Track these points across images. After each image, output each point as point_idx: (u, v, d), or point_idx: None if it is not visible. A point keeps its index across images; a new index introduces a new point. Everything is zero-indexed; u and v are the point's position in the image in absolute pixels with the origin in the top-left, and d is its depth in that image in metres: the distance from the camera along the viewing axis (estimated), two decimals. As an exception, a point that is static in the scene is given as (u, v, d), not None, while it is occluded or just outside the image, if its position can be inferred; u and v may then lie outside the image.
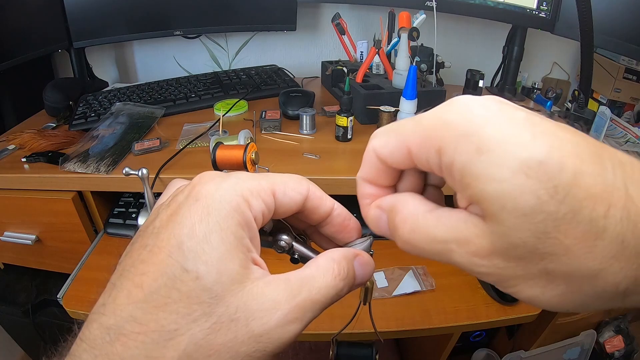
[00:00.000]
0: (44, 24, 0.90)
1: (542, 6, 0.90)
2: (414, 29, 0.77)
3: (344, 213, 0.25)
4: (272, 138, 0.77)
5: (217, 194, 0.19)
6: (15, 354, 1.08)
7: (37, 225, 0.71)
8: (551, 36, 0.92)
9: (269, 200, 0.20)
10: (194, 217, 0.18)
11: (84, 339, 0.17)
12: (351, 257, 0.22)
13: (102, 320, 0.17)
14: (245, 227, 0.19)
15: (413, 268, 0.65)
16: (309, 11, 1.14)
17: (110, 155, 0.68)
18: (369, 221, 0.22)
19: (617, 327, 1.06)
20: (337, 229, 0.25)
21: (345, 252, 0.22)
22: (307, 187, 0.22)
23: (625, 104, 1.06)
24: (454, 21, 1.15)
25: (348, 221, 0.25)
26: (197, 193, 0.19)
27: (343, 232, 0.25)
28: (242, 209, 0.19)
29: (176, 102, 0.89)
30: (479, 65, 1.00)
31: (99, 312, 0.18)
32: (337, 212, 0.24)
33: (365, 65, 0.86)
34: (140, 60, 1.23)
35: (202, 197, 0.19)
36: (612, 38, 0.80)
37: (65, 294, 0.59)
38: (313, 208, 0.23)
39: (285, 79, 1.03)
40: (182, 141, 0.74)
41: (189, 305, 0.17)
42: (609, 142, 0.84)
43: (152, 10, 0.97)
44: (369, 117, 0.81)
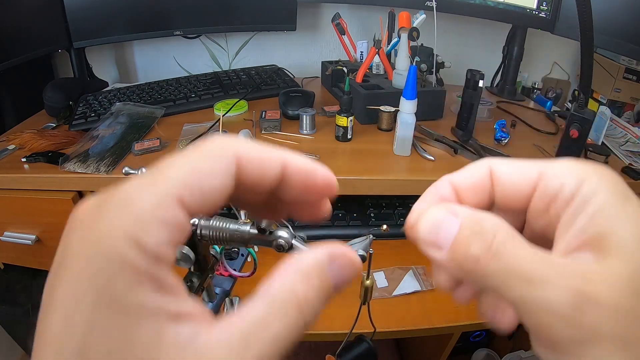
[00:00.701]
0: (44, 24, 0.90)
1: (542, 6, 0.90)
2: (414, 29, 0.77)
3: (303, 166, 0.17)
4: (272, 138, 0.77)
5: (88, 252, 0.13)
6: (16, 354, 1.08)
7: (37, 225, 0.71)
8: (551, 36, 0.92)
9: (175, 217, 0.14)
10: (63, 300, 0.12)
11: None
12: (324, 264, 0.16)
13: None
14: (147, 282, 0.12)
15: (413, 268, 0.65)
16: (309, 11, 1.14)
17: (110, 155, 0.68)
18: (425, 220, 0.17)
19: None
20: (300, 189, 0.18)
21: (314, 260, 0.16)
22: (232, 159, 0.15)
23: (625, 104, 1.06)
24: (454, 21, 1.15)
25: (312, 174, 0.18)
26: (63, 255, 0.14)
27: (310, 191, 0.18)
28: (130, 262, 0.12)
29: (176, 102, 0.89)
30: (479, 65, 1.00)
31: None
32: (293, 168, 0.17)
33: (365, 65, 0.86)
34: (140, 60, 1.23)
35: (69, 262, 0.13)
36: (612, 38, 0.80)
37: (65, 294, 0.59)
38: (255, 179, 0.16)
39: (285, 79, 1.03)
40: (182, 141, 0.74)
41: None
42: (609, 142, 0.84)
43: (152, 10, 0.97)
44: (369, 117, 0.81)
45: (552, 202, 0.17)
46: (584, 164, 0.17)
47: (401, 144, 0.70)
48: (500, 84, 1.09)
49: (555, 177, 0.17)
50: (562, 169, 0.17)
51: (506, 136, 0.76)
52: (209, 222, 0.35)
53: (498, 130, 0.77)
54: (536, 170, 0.17)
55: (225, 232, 0.35)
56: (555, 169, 0.17)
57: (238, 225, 0.35)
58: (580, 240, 0.15)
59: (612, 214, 0.15)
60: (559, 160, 0.17)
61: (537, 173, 0.17)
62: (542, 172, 0.17)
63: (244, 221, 0.36)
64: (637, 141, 0.84)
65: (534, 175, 0.17)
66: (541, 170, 0.17)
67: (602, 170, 0.16)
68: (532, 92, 1.19)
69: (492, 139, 0.78)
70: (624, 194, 0.16)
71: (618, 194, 0.15)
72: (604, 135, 0.82)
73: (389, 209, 0.75)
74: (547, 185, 0.17)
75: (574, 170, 0.17)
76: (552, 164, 0.17)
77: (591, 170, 0.16)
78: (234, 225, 0.35)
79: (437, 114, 0.87)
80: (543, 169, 0.17)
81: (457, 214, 0.16)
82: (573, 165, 0.17)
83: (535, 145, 0.78)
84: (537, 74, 1.23)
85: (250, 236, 0.35)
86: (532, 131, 0.86)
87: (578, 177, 0.16)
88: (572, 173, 0.16)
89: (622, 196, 0.15)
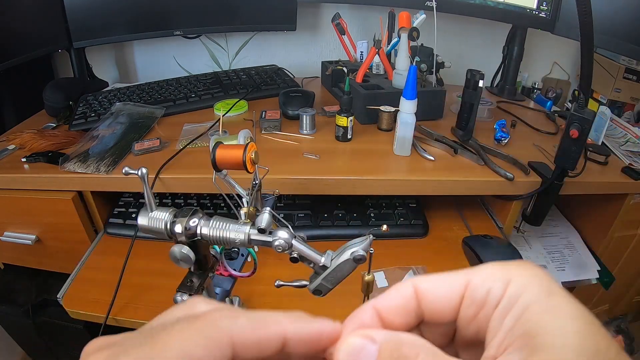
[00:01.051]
0: (44, 24, 0.90)
1: (542, 6, 0.90)
2: (414, 29, 0.77)
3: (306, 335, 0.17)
4: (272, 138, 0.77)
5: None
6: (16, 354, 1.08)
7: (37, 225, 0.71)
8: (551, 36, 0.92)
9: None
10: None
11: None
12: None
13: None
14: None
15: (413, 268, 0.65)
16: (309, 11, 1.14)
17: (110, 155, 0.68)
18: (342, 349, 0.17)
19: (617, 327, 1.06)
20: (305, 355, 0.17)
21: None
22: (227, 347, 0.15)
23: (625, 104, 1.06)
24: (454, 21, 1.15)
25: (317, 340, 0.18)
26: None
27: (316, 352, 0.18)
28: None
29: (176, 102, 0.89)
30: (479, 65, 1.00)
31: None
32: (295, 341, 0.17)
33: (365, 65, 0.86)
34: (140, 60, 1.23)
35: None
36: (612, 38, 0.80)
37: (65, 294, 0.59)
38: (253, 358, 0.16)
39: (285, 79, 1.03)
40: (182, 141, 0.74)
41: None
42: (609, 142, 0.84)
43: (152, 10, 0.97)
44: (369, 117, 0.81)
45: (481, 309, 0.17)
46: (508, 265, 0.17)
47: (401, 144, 0.70)
48: (500, 84, 1.09)
49: (481, 284, 0.17)
50: (487, 274, 0.17)
51: (506, 136, 0.77)
52: (209, 221, 0.35)
53: (498, 130, 0.77)
54: (462, 280, 0.18)
55: (225, 231, 0.35)
56: (480, 275, 0.17)
57: (238, 225, 0.35)
58: (509, 341, 0.15)
59: (538, 311, 0.15)
60: (483, 267, 0.18)
61: (463, 283, 0.18)
62: (468, 281, 0.18)
63: (244, 221, 0.36)
64: (637, 141, 0.84)
65: (460, 286, 0.18)
66: (467, 279, 0.18)
67: (527, 268, 0.17)
68: (532, 92, 1.19)
69: (492, 139, 0.78)
70: (548, 289, 0.16)
71: (543, 291, 0.16)
72: (604, 135, 0.82)
73: (389, 209, 0.75)
74: (474, 293, 0.17)
75: (498, 274, 0.17)
76: (477, 271, 0.18)
77: (515, 270, 0.17)
78: (234, 225, 0.36)
79: (437, 114, 0.87)
80: (468, 277, 0.18)
81: (374, 340, 0.16)
82: (497, 269, 0.17)
83: (535, 145, 0.78)
84: (537, 74, 1.23)
85: (250, 236, 0.35)
86: (532, 131, 0.86)
87: (503, 279, 0.17)
88: (497, 277, 0.17)
89: (547, 292, 0.16)
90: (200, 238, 0.35)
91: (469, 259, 0.67)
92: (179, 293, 0.35)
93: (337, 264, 0.32)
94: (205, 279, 0.37)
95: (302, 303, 0.57)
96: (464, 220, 0.77)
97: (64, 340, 0.83)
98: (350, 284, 0.31)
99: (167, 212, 0.34)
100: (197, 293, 0.36)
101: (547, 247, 0.83)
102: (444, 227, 0.75)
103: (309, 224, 0.72)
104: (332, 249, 0.35)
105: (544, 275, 0.16)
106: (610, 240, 0.80)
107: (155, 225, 0.34)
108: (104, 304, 0.57)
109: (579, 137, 0.59)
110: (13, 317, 0.82)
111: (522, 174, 0.67)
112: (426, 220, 0.74)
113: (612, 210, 0.77)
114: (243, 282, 0.58)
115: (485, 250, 0.63)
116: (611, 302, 0.99)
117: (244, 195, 0.47)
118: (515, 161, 0.69)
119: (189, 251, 0.34)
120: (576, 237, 0.86)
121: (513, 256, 0.63)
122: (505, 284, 0.16)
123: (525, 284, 0.16)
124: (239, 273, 0.44)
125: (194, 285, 0.36)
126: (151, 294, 0.59)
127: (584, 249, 0.83)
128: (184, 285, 0.36)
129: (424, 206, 0.77)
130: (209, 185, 0.65)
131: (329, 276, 0.33)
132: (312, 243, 0.34)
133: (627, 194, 0.73)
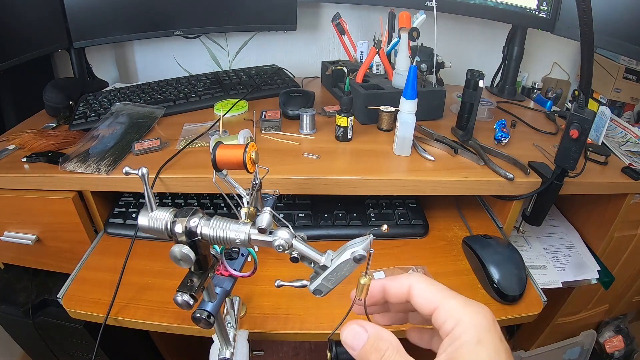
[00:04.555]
0: (44, 24, 0.90)
1: (542, 6, 0.90)
2: (414, 29, 0.77)
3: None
4: (272, 138, 0.77)
5: None
6: (15, 354, 1.08)
7: (37, 225, 0.71)
8: (551, 36, 0.92)
9: None
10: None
11: None
12: None
13: None
14: None
15: (413, 268, 0.65)
16: (309, 11, 1.14)
17: (110, 155, 0.68)
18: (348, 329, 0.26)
19: (617, 327, 1.06)
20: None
21: None
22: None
23: (625, 104, 1.06)
24: (454, 21, 1.15)
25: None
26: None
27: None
28: None
29: (176, 102, 0.89)
30: (479, 65, 1.00)
31: None
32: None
33: (365, 65, 0.86)
34: (140, 60, 1.23)
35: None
36: (612, 38, 0.80)
37: (65, 294, 0.59)
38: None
39: (285, 79, 1.03)
40: (182, 141, 0.74)
41: None
42: (609, 142, 0.84)
43: (152, 10, 0.97)
44: (369, 117, 0.81)
45: (439, 329, 0.25)
46: (467, 306, 0.25)
47: (401, 144, 0.70)
48: (500, 84, 1.09)
49: (443, 313, 0.25)
50: (450, 308, 0.25)
51: (506, 136, 0.77)
52: (210, 221, 0.35)
53: (498, 130, 0.77)
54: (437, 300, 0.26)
55: (225, 231, 0.35)
56: (447, 306, 0.25)
57: (238, 225, 0.35)
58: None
59: (466, 353, 0.23)
60: (452, 298, 0.25)
61: (437, 303, 0.26)
62: (439, 305, 0.25)
63: (244, 221, 0.36)
64: (637, 141, 0.84)
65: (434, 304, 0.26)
66: (440, 303, 0.25)
67: (478, 314, 0.24)
68: (532, 92, 1.19)
69: (492, 139, 0.78)
70: (479, 337, 0.23)
71: (475, 338, 0.23)
72: (604, 135, 0.82)
73: (389, 209, 0.75)
74: (437, 316, 0.25)
75: (456, 313, 0.24)
76: (447, 300, 0.25)
77: (468, 315, 0.24)
78: (235, 225, 0.36)
79: (437, 114, 0.87)
80: (440, 302, 0.25)
81: (367, 330, 0.26)
82: (458, 307, 0.25)
83: (535, 145, 0.78)
84: (537, 74, 1.23)
85: (250, 236, 0.35)
86: (532, 131, 0.86)
87: (456, 318, 0.24)
88: (453, 314, 0.24)
89: (477, 340, 0.23)
90: (200, 238, 0.35)
91: (469, 259, 0.67)
92: (179, 293, 0.35)
93: (337, 263, 0.32)
94: (206, 279, 0.37)
95: (303, 303, 0.57)
96: (464, 220, 0.77)
97: (64, 340, 0.83)
98: (350, 283, 0.31)
99: (168, 212, 0.34)
100: (197, 293, 0.36)
101: (547, 247, 0.83)
102: (444, 227, 0.75)
103: (309, 224, 0.72)
104: (332, 249, 0.35)
105: (486, 323, 0.24)
106: (610, 240, 0.80)
107: (155, 225, 0.34)
108: (104, 304, 0.57)
109: (579, 137, 0.59)
110: (13, 317, 0.82)
111: (522, 174, 0.67)
112: (426, 220, 0.74)
113: (612, 210, 0.77)
114: (243, 282, 0.58)
115: (485, 250, 0.63)
116: (611, 302, 0.99)
117: (244, 195, 0.47)
118: (515, 161, 0.69)
119: (189, 251, 0.34)
120: (576, 237, 0.86)
121: (513, 256, 0.63)
122: (456, 322, 0.24)
123: (467, 328, 0.24)
124: (239, 273, 0.44)
125: (194, 285, 0.36)
126: (151, 294, 0.59)
127: (584, 249, 0.83)
128: (184, 285, 0.36)
129: (424, 206, 0.77)
130: (209, 185, 0.65)
131: (329, 276, 0.33)
132: (312, 243, 0.34)
133: (627, 194, 0.73)
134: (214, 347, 0.49)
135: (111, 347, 0.81)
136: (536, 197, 0.69)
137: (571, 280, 0.78)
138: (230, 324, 0.50)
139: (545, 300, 0.60)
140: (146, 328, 0.57)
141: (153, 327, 0.56)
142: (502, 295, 0.58)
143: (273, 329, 0.54)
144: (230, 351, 0.47)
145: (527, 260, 0.79)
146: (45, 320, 0.81)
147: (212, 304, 0.40)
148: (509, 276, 0.60)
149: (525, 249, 0.82)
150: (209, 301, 0.40)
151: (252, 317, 0.56)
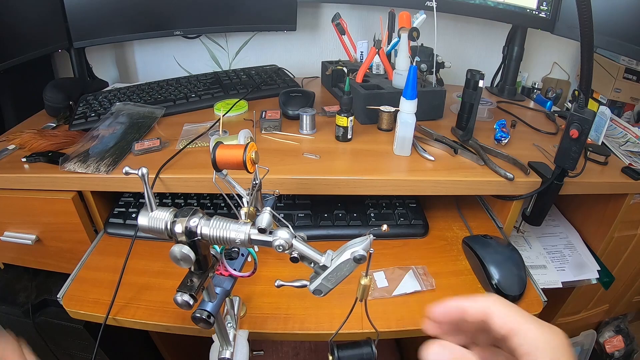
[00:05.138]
0: (44, 24, 0.90)
1: (542, 6, 0.90)
2: (414, 29, 0.77)
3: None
4: (272, 138, 0.77)
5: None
6: (15, 354, 1.07)
7: (37, 225, 0.71)
8: (551, 36, 0.92)
9: None
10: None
11: None
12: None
13: None
14: None
15: (413, 268, 0.65)
16: (309, 11, 1.15)
17: (110, 155, 0.68)
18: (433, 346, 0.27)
19: (617, 327, 1.06)
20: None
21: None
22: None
23: (625, 104, 1.06)
24: (454, 21, 1.16)
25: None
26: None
27: None
28: None
29: (176, 102, 0.89)
30: (479, 65, 1.00)
31: None
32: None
33: (365, 65, 0.86)
34: (140, 60, 1.23)
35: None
36: (612, 38, 0.80)
37: (65, 294, 0.59)
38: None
39: (285, 79, 1.03)
40: (182, 141, 0.74)
41: None
42: (609, 142, 0.84)
43: (152, 10, 0.97)
44: (369, 117, 0.81)
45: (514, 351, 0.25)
46: (544, 331, 0.25)
47: (401, 144, 0.70)
48: (500, 84, 1.09)
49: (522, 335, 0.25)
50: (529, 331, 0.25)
51: (506, 136, 0.77)
52: (210, 221, 0.35)
53: (498, 130, 0.77)
54: (516, 324, 0.26)
55: (225, 231, 0.35)
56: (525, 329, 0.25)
57: (238, 225, 0.35)
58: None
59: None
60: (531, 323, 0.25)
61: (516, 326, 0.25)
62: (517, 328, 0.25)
63: (244, 221, 0.36)
64: (637, 141, 0.84)
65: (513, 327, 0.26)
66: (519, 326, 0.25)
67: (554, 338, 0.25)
68: (532, 92, 1.19)
69: (492, 139, 0.78)
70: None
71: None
72: (604, 135, 0.82)
73: (389, 209, 0.75)
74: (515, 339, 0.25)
75: (533, 336, 0.25)
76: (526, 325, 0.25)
77: (544, 339, 0.25)
78: (235, 225, 0.36)
79: (437, 114, 0.87)
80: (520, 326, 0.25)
81: (452, 352, 0.27)
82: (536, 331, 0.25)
83: (535, 145, 0.78)
84: (537, 74, 1.23)
85: (250, 236, 0.35)
86: (532, 131, 0.86)
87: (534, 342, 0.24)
88: (531, 338, 0.25)
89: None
90: (200, 238, 0.35)
91: (469, 259, 0.67)
92: (179, 293, 0.35)
93: (337, 263, 0.32)
94: (206, 279, 0.37)
95: (303, 303, 0.57)
96: (464, 220, 0.77)
97: (64, 340, 0.83)
98: (350, 283, 0.31)
99: (168, 212, 0.34)
100: (197, 293, 0.36)
101: (547, 247, 0.83)
102: (444, 227, 0.75)
103: (309, 224, 0.72)
104: (332, 249, 0.35)
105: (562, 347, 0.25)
106: (610, 240, 0.80)
107: (155, 225, 0.34)
108: (104, 304, 0.57)
109: (579, 137, 0.59)
110: (13, 317, 0.82)
111: (522, 174, 0.67)
112: (426, 220, 0.74)
113: (612, 210, 0.77)
114: (243, 282, 0.58)
115: (485, 250, 0.63)
116: (611, 302, 0.99)
117: (244, 195, 0.47)
118: (515, 161, 0.69)
119: (189, 251, 0.34)
120: (576, 237, 0.86)
121: (513, 256, 0.63)
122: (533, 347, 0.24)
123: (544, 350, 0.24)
124: (239, 273, 0.44)
125: (194, 285, 0.36)
126: (151, 294, 0.59)
127: (584, 249, 0.83)
128: (184, 285, 0.36)
129: (424, 206, 0.77)
130: (209, 185, 0.65)
131: (329, 276, 0.33)
132: (312, 243, 0.34)
133: (627, 194, 0.73)
134: (214, 347, 0.49)
135: (111, 347, 0.81)
136: (536, 197, 0.69)
137: (571, 280, 0.78)
138: (230, 324, 0.50)
139: (545, 300, 0.60)
140: (146, 328, 0.57)
141: (153, 327, 0.56)
142: (502, 295, 0.58)
143: (273, 329, 0.54)
144: (230, 351, 0.47)
145: (527, 260, 0.79)
146: (45, 320, 0.81)
147: (212, 304, 0.40)
148: (509, 276, 0.60)
149: (525, 249, 0.82)
150: (209, 301, 0.40)
151: (252, 317, 0.56)
